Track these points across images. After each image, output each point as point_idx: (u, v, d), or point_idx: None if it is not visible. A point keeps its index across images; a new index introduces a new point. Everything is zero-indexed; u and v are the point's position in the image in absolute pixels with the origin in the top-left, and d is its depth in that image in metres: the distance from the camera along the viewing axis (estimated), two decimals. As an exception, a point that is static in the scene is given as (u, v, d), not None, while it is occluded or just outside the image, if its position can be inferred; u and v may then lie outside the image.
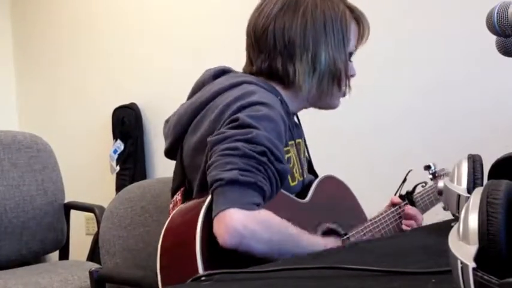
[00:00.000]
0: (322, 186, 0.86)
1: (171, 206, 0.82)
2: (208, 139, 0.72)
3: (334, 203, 0.86)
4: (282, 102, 0.80)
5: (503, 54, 0.59)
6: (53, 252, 1.69)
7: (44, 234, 1.60)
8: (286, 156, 0.79)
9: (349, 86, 0.86)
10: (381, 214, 0.89)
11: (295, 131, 0.85)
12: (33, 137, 1.66)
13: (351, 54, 0.86)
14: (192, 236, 0.65)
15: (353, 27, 0.85)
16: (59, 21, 2.44)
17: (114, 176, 2.16)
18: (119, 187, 2.07)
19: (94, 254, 1.85)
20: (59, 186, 1.66)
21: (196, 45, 2.00)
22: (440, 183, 0.58)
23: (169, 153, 0.86)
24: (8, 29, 2.62)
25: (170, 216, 0.74)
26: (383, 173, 1.50)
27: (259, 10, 0.84)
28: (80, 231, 2.27)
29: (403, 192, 0.96)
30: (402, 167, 1.49)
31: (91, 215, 1.64)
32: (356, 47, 0.87)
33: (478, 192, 0.35)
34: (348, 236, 0.81)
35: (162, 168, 2.12)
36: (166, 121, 0.88)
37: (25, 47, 2.60)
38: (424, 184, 0.95)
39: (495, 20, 0.55)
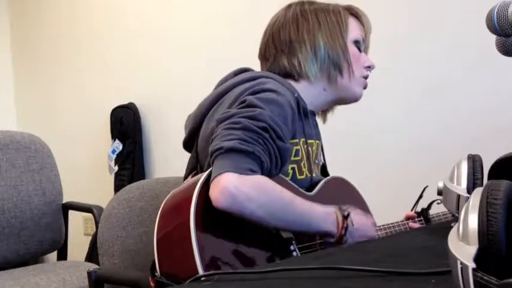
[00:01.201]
0: (329, 184, 0.87)
1: None
2: (217, 117, 0.76)
3: (340, 202, 0.86)
4: (299, 99, 0.83)
5: (503, 54, 0.59)
6: (51, 252, 1.69)
7: (42, 234, 1.60)
8: (295, 148, 0.81)
9: (354, 75, 0.89)
10: (391, 224, 0.90)
11: (309, 131, 0.86)
12: (31, 137, 1.66)
13: (357, 42, 0.89)
14: (187, 206, 0.66)
15: (352, 21, 0.90)
16: (57, 21, 2.44)
17: (113, 176, 2.15)
18: (118, 187, 2.07)
19: (92, 255, 1.85)
20: (57, 186, 1.65)
21: (195, 45, 1.99)
22: (440, 184, 0.58)
23: (187, 144, 0.88)
24: (6, 29, 2.62)
25: (168, 195, 0.75)
26: (383, 173, 1.50)
27: (262, 36, 0.93)
28: (78, 231, 2.27)
29: (419, 208, 0.95)
30: (402, 167, 1.49)
31: (89, 215, 1.64)
32: (364, 38, 0.91)
33: (477, 192, 0.35)
34: (348, 213, 0.78)
35: (161, 168, 2.12)
36: (189, 116, 0.91)
37: (23, 46, 2.59)
38: (439, 201, 0.94)
39: (495, 19, 0.55)
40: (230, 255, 0.67)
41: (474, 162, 0.55)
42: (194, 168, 0.83)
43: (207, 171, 0.70)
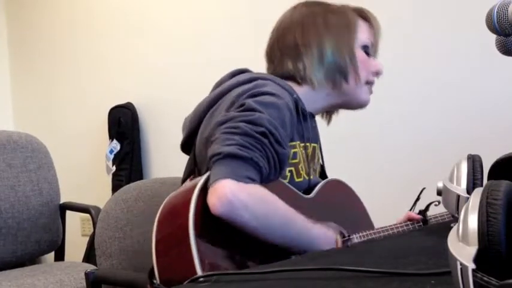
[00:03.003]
0: (327, 187, 0.87)
1: None
2: (215, 120, 0.75)
3: (338, 204, 0.86)
4: (297, 100, 0.82)
5: (503, 53, 0.59)
6: (49, 253, 1.68)
7: (39, 235, 1.59)
8: (293, 151, 0.80)
9: (360, 81, 0.87)
10: (393, 225, 0.89)
11: (307, 134, 0.85)
12: (28, 137, 1.65)
13: (366, 47, 0.87)
14: (186, 210, 0.66)
15: (361, 23, 0.88)
16: (54, 20, 2.43)
17: (110, 176, 2.15)
18: (115, 187, 2.07)
19: (90, 255, 1.84)
20: (55, 186, 1.65)
21: (193, 45, 1.99)
22: (440, 184, 0.58)
23: (185, 146, 0.87)
24: (3, 28, 2.61)
25: (166, 198, 0.75)
26: (383, 173, 1.50)
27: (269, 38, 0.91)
28: (76, 232, 2.26)
29: (416, 209, 0.94)
30: (402, 167, 1.49)
31: (87, 215, 1.63)
32: (373, 41, 0.89)
33: (477, 192, 0.35)
34: (349, 237, 0.80)
35: (159, 168, 2.12)
36: (186, 117, 0.90)
37: (20, 45, 2.58)
38: (437, 203, 0.94)
39: (495, 19, 0.55)
40: (229, 261, 0.67)
41: (474, 162, 0.55)
42: (192, 171, 0.82)
43: (205, 175, 0.70)
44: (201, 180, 0.69)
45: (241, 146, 0.69)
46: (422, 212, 0.93)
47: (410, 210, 0.94)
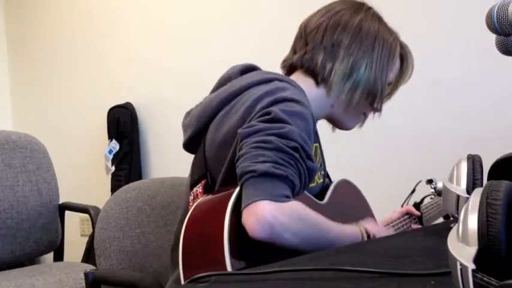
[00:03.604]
0: (338, 190, 0.86)
1: (190, 198, 0.80)
2: (239, 131, 0.71)
3: (350, 206, 0.86)
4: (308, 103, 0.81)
5: (503, 53, 0.59)
6: (48, 253, 1.68)
7: (38, 235, 1.59)
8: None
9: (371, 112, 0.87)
10: (394, 221, 0.89)
11: (316, 135, 0.85)
12: (27, 137, 1.65)
13: (388, 84, 0.86)
14: (220, 228, 0.64)
15: (397, 62, 0.87)
16: (53, 20, 2.43)
17: (109, 176, 2.15)
18: (114, 187, 2.07)
19: (89, 256, 1.84)
20: (54, 186, 1.65)
21: (192, 45, 1.99)
22: (440, 184, 0.58)
23: (189, 145, 0.83)
24: (2, 27, 2.60)
25: (192, 207, 0.71)
26: (383, 173, 1.50)
27: (318, 11, 0.86)
28: (75, 232, 2.26)
29: (410, 202, 0.95)
30: (402, 167, 1.49)
31: (86, 216, 1.63)
32: (393, 83, 0.88)
33: (477, 193, 0.35)
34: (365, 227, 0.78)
35: (158, 168, 2.12)
36: (188, 113, 0.85)
37: (19, 45, 2.58)
38: (432, 196, 0.95)
39: (495, 18, 0.55)
40: None
41: (474, 162, 0.55)
42: (204, 175, 0.78)
43: (235, 192, 0.67)
44: (233, 196, 0.67)
45: (276, 164, 0.66)
46: (417, 205, 0.94)
47: (405, 202, 0.95)
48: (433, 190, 0.95)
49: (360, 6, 0.85)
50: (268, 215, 0.63)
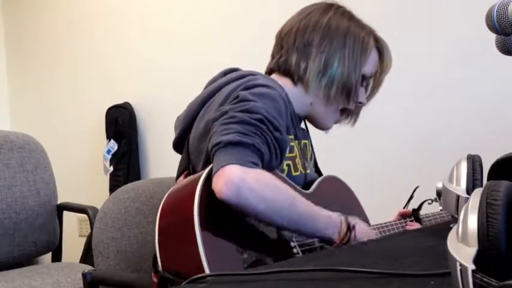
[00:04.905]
0: (324, 183, 0.87)
1: None
2: (210, 117, 0.75)
3: (335, 200, 0.86)
4: (287, 97, 0.82)
5: (503, 53, 0.59)
6: (46, 254, 1.68)
7: (36, 235, 1.58)
8: (290, 144, 0.81)
9: (352, 114, 0.89)
10: (387, 222, 0.90)
11: (299, 132, 0.86)
12: (25, 137, 1.64)
13: (364, 77, 0.88)
14: (190, 205, 0.65)
15: (373, 55, 0.88)
16: (51, 20, 2.42)
17: (108, 176, 2.14)
18: (113, 188, 2.06)
19: (87, 256, 1.84)
20: (52, 187, 1.64)
21: (191, 45, 1.99)
22: (439, 184, 0.58)
23: (177, 145, 0.87)
24: (0, 27, 2.59)
25: (168, 191, 0.74)
26: (382, 173, 1.50)
27: (291, 17, 0.90)
28: (73, 232, 2.25)
29: (409, 208, 0.95)
30: (402, 167, 1.49)
31: (84, 216, 1.62)
32: (373, 77, 0.90)
33: (477, 193, 0.35)
34: (354, 225, 0.79)
35: (156, 168, 2.11)
36: (178, 117, 0.89)
37: (17, 45, 2.57)
38: (430, 201, 0.95)
39: (495, 18, 0.55)
40: (234, 252, 0.67)
41: (474, 162, 0.54)
42: (186, 168, 0.82)
43: (208, 168, 0.69)
44: (204, 172, 0.69)
45: (241, 133, 0.69)
46: (416, 211, 0.94)
47: (404, 208, 0.95)
48: (441, 208, 0.95)
49: (329, 7, 0.88)
50: (235, 177, 0.65)
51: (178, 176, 0.84)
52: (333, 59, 0.83)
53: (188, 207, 0.66)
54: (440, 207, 0.95)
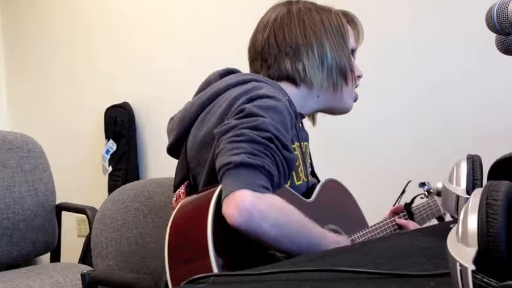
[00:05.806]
0: (326, 189, 0.86)
1: (173, 199, 0.81)
2: (215, 131, 0.73)
3: (337, 206, 0.86)
4: (290, 102, 0.82)
5: (503, 52, 0.59)
6: (44, 254, 1.67)
7: (35, 236, 1.58)
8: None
9: (355, 84, 0.89)
10: (381, 222, 0.90)
11: (301, 134, 0.85)
12: (24, 137, 1.64)
13: (353, 51, 0.89)
14: (204, 225, 0.64)
15: (349, 29, 0.89)
16: (50, 20, 2.42)
17: (107, 176, 2.14)
18: (111, 188, 2.06)
19: (86, 256, 1.83)
20: (50, 187, 1.64)
21: (190, 45, 1.99)
22: (439, 184, 0.58)
23: (173, 149, 0.84)
24: (-1, 28, 2.59)
25: (177, 207, 0.72)
26: (382, 173, 1.50)
27: (255, 30, 0.89)
28: (72, 233, 2.25)
29: (401, 202, 0.95)
30: (402, 167, 1.49)
31: (83, 216, 1.62)
32: (356, 47, 0.90)
33: (477, 193, 0.34)
34: (352, 238, 0.81)
35: (155, 168, 2.11)
36: (171, 118, 0.87)
37: (16, 44, 2.57)
38: (422, 196, 0.95)
39: (495, 18, 0.55)
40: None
41: (474, 162, 0.54)
42: (186, 177, 0.80)
43: (217, 191, 0.68)
44: (214, 195, 0.67)
45: (251, 154, 0.67)
46: (408, 205, 0.94)
47: (395, 203, 0.95)
48: (426, 193, 0.96)
49: (287, 5, 0.87)
50: (247, 203, 0.64)
51: (177, 185, 0.81)
52: (324, 49, 0.84)
53: (201, 233, 0.64)
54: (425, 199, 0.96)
